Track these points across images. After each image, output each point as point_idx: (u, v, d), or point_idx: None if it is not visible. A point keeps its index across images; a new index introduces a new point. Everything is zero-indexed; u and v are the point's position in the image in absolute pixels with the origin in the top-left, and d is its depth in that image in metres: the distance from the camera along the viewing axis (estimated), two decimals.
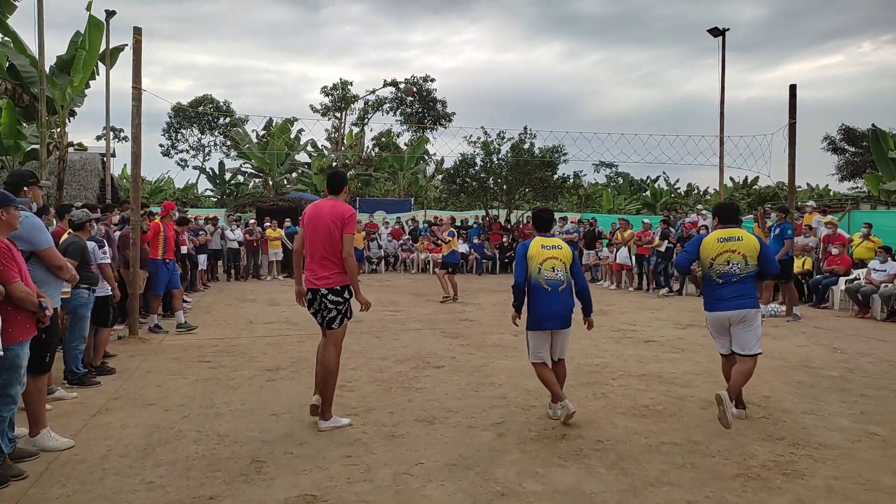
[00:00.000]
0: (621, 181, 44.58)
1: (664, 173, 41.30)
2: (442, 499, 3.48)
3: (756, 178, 36.99)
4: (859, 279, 11.16)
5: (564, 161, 22.53)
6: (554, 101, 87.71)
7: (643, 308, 11.58)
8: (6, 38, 15.05)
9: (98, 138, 37.57)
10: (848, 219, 15.16)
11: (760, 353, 4.86)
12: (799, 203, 16.14)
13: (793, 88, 11.43)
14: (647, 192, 39.21)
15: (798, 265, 12.24)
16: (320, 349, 4.86)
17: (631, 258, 15.02)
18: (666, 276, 14.32)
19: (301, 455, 4.10)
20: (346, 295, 4.72)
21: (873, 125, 24.58)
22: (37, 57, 13.80)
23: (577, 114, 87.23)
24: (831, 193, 40.99)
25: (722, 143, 15.53)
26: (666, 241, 14.14)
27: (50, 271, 4.39)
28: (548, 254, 4.79)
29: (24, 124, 17.49)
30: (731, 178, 38.16)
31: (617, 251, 15.34)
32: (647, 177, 42.74)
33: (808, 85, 76.91)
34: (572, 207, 33.75)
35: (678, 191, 40.47)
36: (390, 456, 4.10)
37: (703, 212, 17.73)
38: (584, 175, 33.58)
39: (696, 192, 41.36)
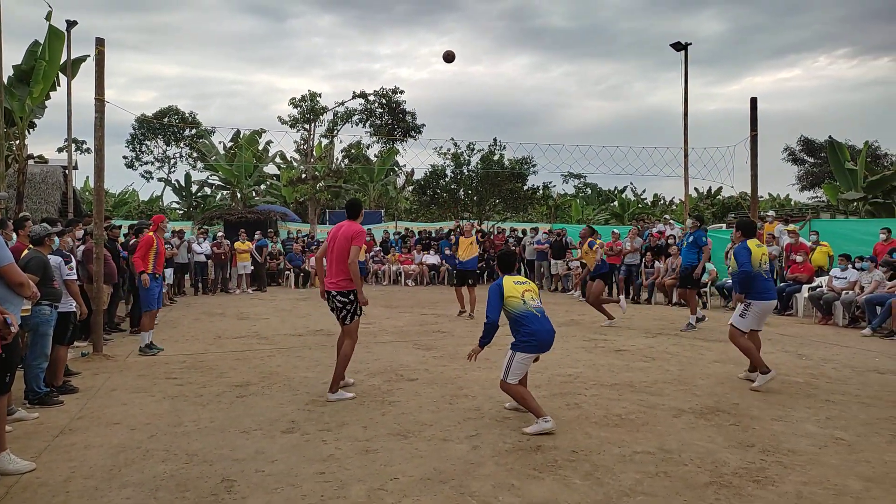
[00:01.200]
0: (590, 192, 45.21)
1: (631, 184, 42.03)
2: None
3: (720, 189, 37.86)
4: (822, 287, 11.47)
5: (534, 172, 22.83)
6: (522, 113, 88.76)
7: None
8: None
9: (60, 150, 36.64)
10: (808, 228, 15.58)
11: None
12: (761, 212, 16.53)
13: (754, 101, 11.73)
14: (615, 203, 39.83)
15: None
16: (339, 340, 6.00)
17: None
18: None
19: (273, 473, 4.02)
20: (352, 297, 5.77)
21: (830, 137, 25.41)
22: None
23: (545, 126, 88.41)
24: (792, 203, 42.17)
25: (686, 155, 15.87)
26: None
27: (10, 288, 4.24)
28: (523, 287, 5.12)
29: None
30: (696, 189, 38.96)
31: None
32: (615, 187, 43.46)
33: (768, 97, 79.18)
34: (542, 218, 34.05)
35: (645, 201, 41.18)
36: (364, 471, 4.05)
37: (671, 221, 18.05)
38: (554, 186, 33.97)
39: (662, 202, 42.14)
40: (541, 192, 24.29)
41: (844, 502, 3.57)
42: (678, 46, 16.03)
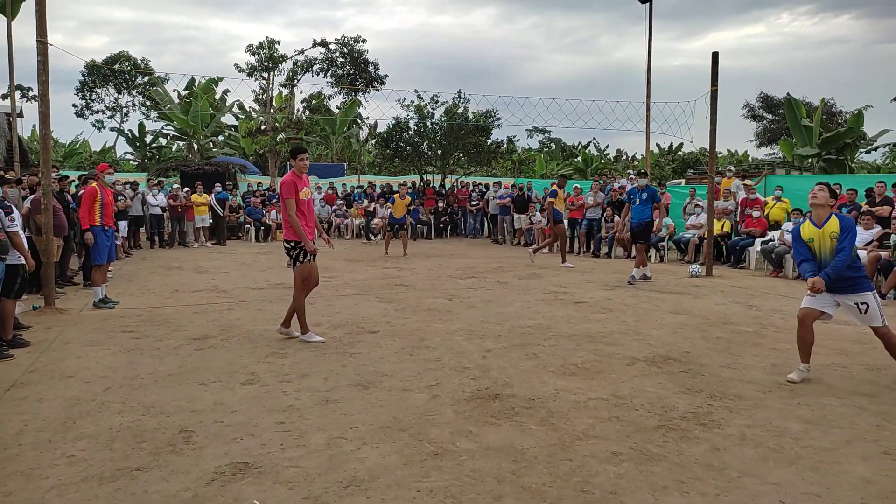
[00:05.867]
0: (554, 147, 45.22)
1: (594, 139, 42.19)
2: (376, 461, 3.50)
3: (681, 144, 38.29)
4: (774, 241, 11.81)
5: (498, 126, 22.65)
6: (488, 65, 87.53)
7: (574, 271, 11.89)
8: None
9: (4, 97, 34.80)
10: (765, 183, 15.94)
11: None
12: (719, 168, 16.82)
13: (715, 56, 11.78)
14: (579, 158, 39.98)
15: (717, 227, 12.83)
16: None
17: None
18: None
19: (232, 423, 4.02)
20: (293, 244, 6.13)
21: (788, 94, 25.81)
22: None
23: (511, 79, 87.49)
24: (749, 159, 42.96)
25: (648, 110, 15.94)
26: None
27: None
28: None
29: None
30: (658, 145, 39.31)
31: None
32: (579, 142, 43.57)
33: (732, 54, 79.72)
34: (506, 172, 34.04)
35: (608, 156, 41.44)
36: (324, 421, 4.08)
37: (633, 176, 18.26)
38: (518, 140, 33.81)
39: (624, 157, 42.49)
40: (505, 146, 24.18)
41: (785, 443, 3.76)
42: None
